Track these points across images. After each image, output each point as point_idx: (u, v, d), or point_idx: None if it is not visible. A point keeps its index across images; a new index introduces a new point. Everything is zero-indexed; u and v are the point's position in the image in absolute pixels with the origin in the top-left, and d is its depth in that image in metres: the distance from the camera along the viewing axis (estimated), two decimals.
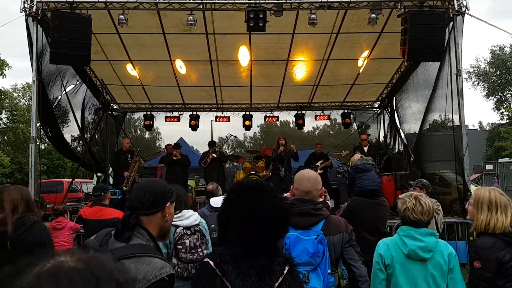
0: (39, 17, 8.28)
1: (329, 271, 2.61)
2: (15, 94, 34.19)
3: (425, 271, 2.92)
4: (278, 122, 16.37)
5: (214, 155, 11.62)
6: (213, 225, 4.66)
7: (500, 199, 3.09)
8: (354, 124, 15.22)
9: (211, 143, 12.29)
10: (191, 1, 8.52)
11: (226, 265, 1.88)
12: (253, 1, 8.34)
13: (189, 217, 4.24)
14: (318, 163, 11.49)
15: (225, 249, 1.96)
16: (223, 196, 2.15)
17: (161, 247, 3.99)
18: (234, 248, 1.94)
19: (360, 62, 11.71)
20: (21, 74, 58.13)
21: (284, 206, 2.01)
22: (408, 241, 2.96)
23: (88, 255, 0.87)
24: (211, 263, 1.91)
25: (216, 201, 4.89)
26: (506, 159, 22.35)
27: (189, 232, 4.17)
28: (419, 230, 2.97)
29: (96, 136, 13.27)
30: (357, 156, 6.80)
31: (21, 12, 8.27)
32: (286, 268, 1.94)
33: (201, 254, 4.18)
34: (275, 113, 14.83)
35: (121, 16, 8.62)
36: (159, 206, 2.04)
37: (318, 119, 14.98)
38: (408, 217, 3.01)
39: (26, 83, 34.10)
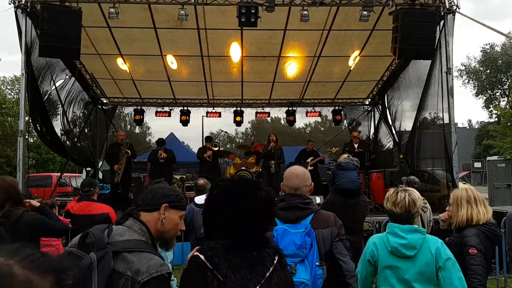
0: (28, 9, 8.16)
1: (317, 263, 2.62)
2: (2, 87, 33.78)
3: (413, 268, 2.86)
4: (269, 118, 16.39)
5: (215, 149, 11.60)
6: (201, 221, 4.65)
7: (478, 195, 3.35)
8: (345, 121, 15.27)
9: (208, 138, 12.28)
10: None
11: (217, 258, 1.89)
12: None
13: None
14: (309, 160, 11.51)
15: (215, 243, 1.96)
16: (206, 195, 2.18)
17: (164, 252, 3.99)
18: (223, 241, 1.95)
19: (351, 60, 11.74)
20: (9, 67, 57.54)
21: (267, 197, 2.01)
22: (391, 238, 2.94)
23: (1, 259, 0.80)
24: (202, 256, 1.92)
25: (201, 199, 4.87)
26: (495, 157, 22.58)
27: None
28: (403, 227, 2.92)
29: (86, 131, 13.17)
30: (345, 155, 6.78)
31: (10, 4, 8.16)
32: (276, 259, 1.96)
33: None
34: (266, 109, 14.81)
35: (112, 10, 8.53)
36: (155, 205, 2.15)
37: (309, 116, 15.01)
38: (385, 208, 3.05)
39: (14, 76, 33.69)
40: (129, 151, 10.81)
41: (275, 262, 1.94)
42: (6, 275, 0.77)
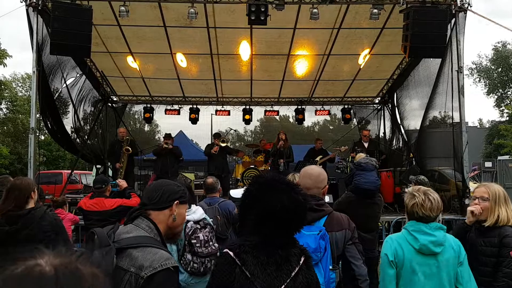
0: (39, 7, 8.23)
1: (330, 267, 2.60)
2: (14, 84, 34.08)
3: (437, 264, 2.89)
4: (278, 117, 16.34)
5: (222, 145, 11.59)
6: (211, 219, 4.67)
7: (506, 194, 3.38)
8: (354, 119, 15.21)
9: (216, 135, 12.30)
10: None
11: (245, 255, 1.94)
12: None
13: (196, 211, 4.23)
14: (317, 158, 11.48)
15: (244, 240, 2.02)
16: (243, 188, 2.20)
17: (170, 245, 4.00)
18: (252, 238, 1.99)
19: (361, 58, 11.68)
20: (20, 65, 58.08)
21: (302, 200, 2.05)
22: (419, 236, 2.91)
23: (65, 260, 0.88)
24: (231, 253, 1.97)
25: (236, 192, 4.92)
26: (506, 157, 22.35)
27: (199, 226, 4.17)
28: (429, 225, 2.93)
29: (96, 128, 13.26)
30: (363, 155, 6.76)
31: (21, 2, 8.23)
32: (302, 259, 2.00)
33: (213, 247, 4.17)
34: (275, 108, 14.79)
35: (122, 8, 8.59)
36: (166, 203, 2.14)
37: (318, 114, 14.98)
38: (416, 213, 2.96)
39: (26, 73, 33.95)
40: (130, 149, 10.77)
41: (301, 262, 1.98)
42: (77, 271, 0.86)
